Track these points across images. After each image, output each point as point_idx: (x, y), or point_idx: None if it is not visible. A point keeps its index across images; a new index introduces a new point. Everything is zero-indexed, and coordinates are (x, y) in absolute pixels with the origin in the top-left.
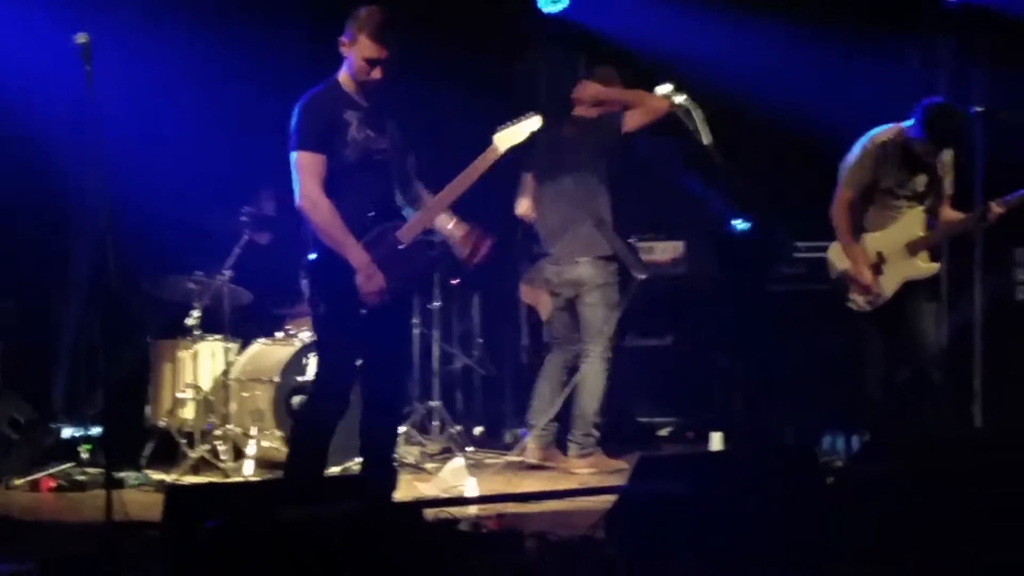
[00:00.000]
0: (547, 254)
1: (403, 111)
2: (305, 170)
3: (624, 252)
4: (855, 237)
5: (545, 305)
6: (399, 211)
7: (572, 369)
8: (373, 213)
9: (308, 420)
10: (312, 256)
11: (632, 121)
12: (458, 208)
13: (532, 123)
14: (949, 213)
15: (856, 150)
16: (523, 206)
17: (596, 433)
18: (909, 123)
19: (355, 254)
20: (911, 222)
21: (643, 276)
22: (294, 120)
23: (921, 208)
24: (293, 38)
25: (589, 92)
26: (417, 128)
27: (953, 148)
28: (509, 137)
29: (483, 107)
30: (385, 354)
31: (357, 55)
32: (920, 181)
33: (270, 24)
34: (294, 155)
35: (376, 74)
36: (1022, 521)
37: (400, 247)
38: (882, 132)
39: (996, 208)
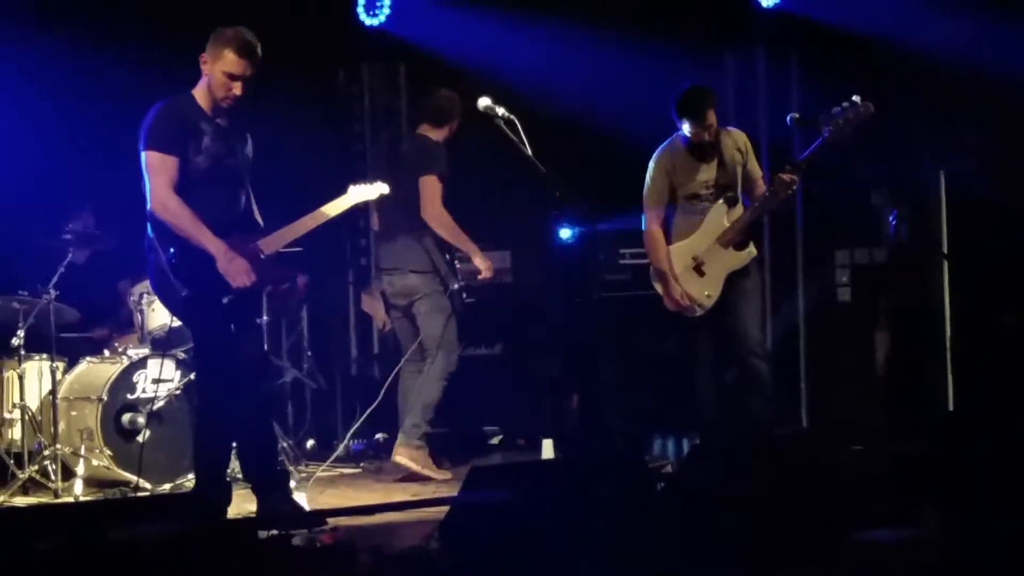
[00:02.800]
0: (381, 265)
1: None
2: (156, 171)
3: (440, 263)
4: (667, 254)
5: (380, 315)
6: (256, 223)
7: None
8: (227, 218)
9: (206, 415)
10: (171, 251)
11: None
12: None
13: (382, 188)
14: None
15: (648, 174)
16: (373, 219)
17: (421, 430)
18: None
19: (212, 242)
20: (714, 218)
21: (456, 287)
22: (147, 121)
23: (721, 201)
24: (113, 58)
25: None
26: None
27: (698, 117)
28: (361, 193)
29: (307, 120)
30: (248, 351)
31: (219, 70)
32: (713, 176)
33: (92, 42)
34: (145, 155)
35: (237, 89)
36: (848, 515)
37: (261, 256)
38: (663, 146)
39: (786, 175)
